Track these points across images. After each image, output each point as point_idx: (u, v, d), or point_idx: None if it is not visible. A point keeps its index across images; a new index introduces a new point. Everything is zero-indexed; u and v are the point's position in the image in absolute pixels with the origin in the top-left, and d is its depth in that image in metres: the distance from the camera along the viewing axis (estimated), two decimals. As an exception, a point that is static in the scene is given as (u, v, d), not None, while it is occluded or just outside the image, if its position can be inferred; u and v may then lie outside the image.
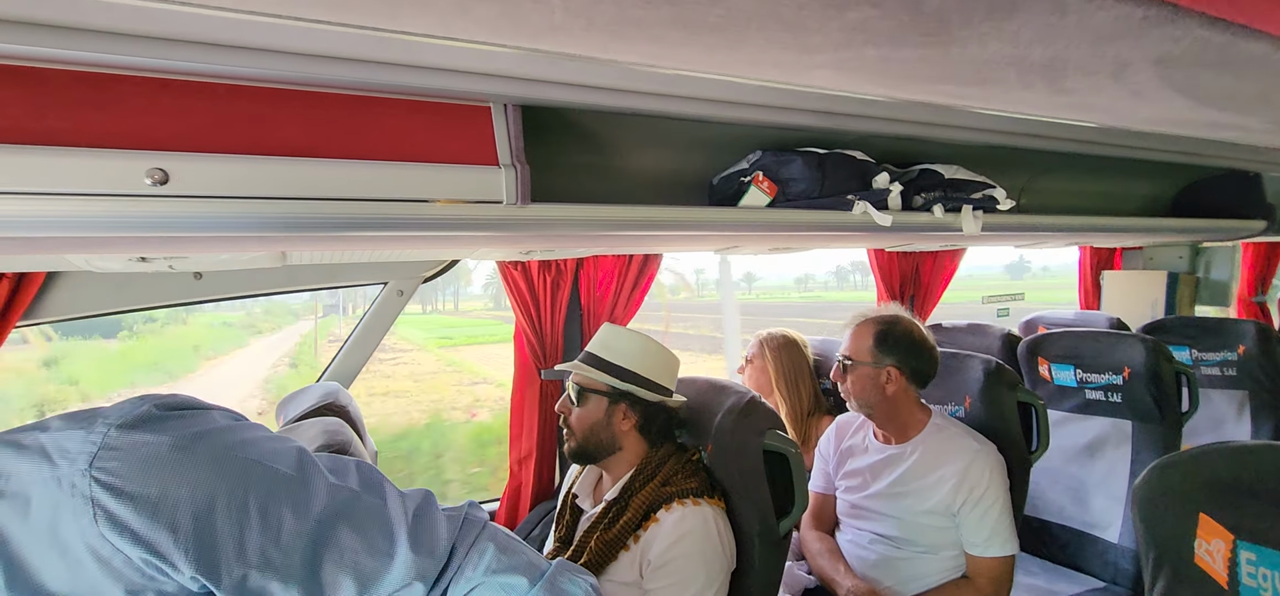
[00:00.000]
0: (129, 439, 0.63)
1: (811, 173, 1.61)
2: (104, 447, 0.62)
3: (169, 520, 0.62)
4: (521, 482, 2.35)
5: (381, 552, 0.74)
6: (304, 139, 1.07)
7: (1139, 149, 1.82)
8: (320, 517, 0.71)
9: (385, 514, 0.76)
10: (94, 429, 0.63)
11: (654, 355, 1.48)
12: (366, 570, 0.72)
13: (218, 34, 0.88)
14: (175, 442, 0.64)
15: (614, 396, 1.45)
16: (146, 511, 0.61)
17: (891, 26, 0.65)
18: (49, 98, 0.94)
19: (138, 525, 0.60)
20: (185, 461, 0.64)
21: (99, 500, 0.59)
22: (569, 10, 0.61)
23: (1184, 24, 0.63)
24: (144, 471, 0.62)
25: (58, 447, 0.61)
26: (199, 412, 0.71)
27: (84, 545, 0.60)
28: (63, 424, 0.64)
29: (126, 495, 0.60)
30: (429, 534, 0.78)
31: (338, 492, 0.74)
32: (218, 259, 1.52)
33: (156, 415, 0.66)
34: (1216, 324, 2.85)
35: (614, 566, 1.36)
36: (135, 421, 0.64)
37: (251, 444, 0.71)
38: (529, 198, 1.23)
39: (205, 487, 0.64)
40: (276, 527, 0.68)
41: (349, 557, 0.72)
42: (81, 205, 0.95)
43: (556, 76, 1.08)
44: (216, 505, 0.65)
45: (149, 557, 0.61)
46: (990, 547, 1.67)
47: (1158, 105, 1.00)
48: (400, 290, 2.16)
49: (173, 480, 0.63)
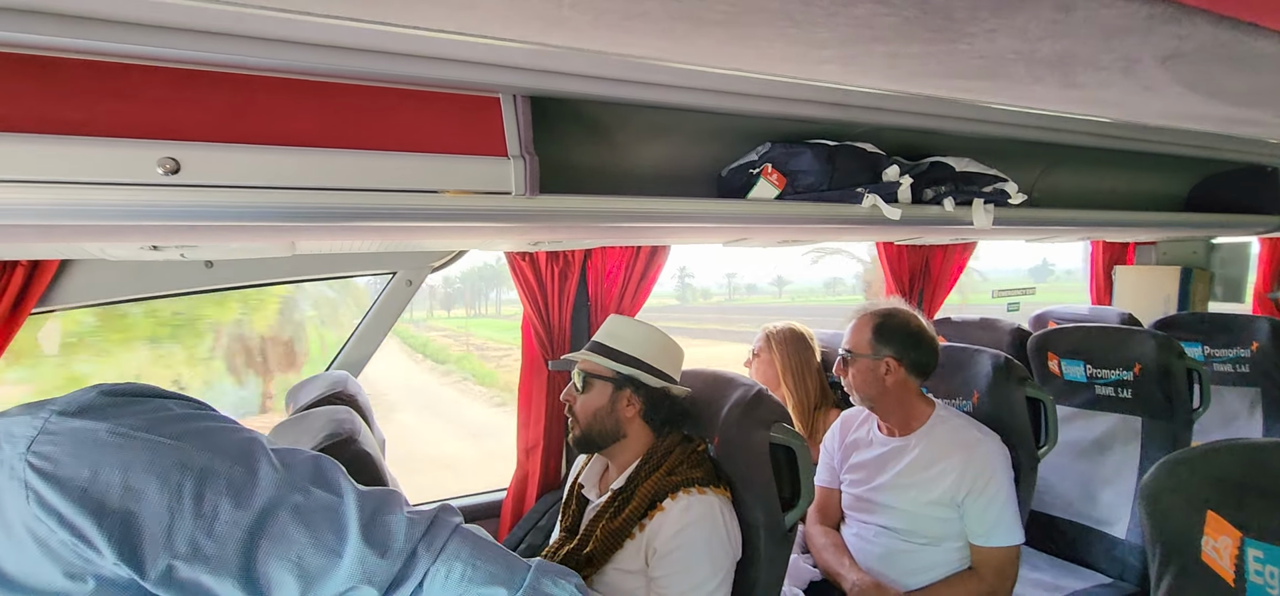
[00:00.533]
0: (68, 424, 0.64)
1: (821, 165, 1.60)
2: (43, 432, 0.63)
3: (95, 505, 0.62)
4: (528, 473, 2.37)
5: (328, 549, 0.72)
6: (314, 129, 1.08)
7: (1153, 143, 1.80)
8: (263, 509, 0.70)
9: (337, 510, 0.74)
10: (38, 415, 0.65)
11: (658, 343, 1.49)
12: (311, 567, 0.70)
13: (230, 25, 0.89)
14: (113, 429, 0.65)
15: (618, 382, 1.45)
16: (74, 495, 0.62)
17: (898, 22, 0.65)
18: (63, 87, 0.95)
19: (64, 509, 0.61)
20: (120, 446, 0.65)
21: (30, 483, 0.61)
22: (576, 4, 0.62)
23: (1190, 21, 0.62)
24: (76, 456, 0.63)
25: (5, 432, 0.64)
26: (146, 400, 0.71)
27: (23, 526, 0.62)
28: (17, 411, 0.66)
29: (56, 479, 0.62)
30: (384, 533, 0.75)
31: (285, 485, 0.72)
32: (228, 248, 1.53)
33: (100, 402, 0.68)
34: (1229, 320, 2.82)
35: (620, 555, 1.37)
36: (78, 408, 0.66)
37: (197, 433, 0.70)
38: (537, 189, 1.23)
39: (137, 474, 0.65)
40: (211, 516, 0.67)
41: (293, 551, 0.70)
42: (95, 194, 0.96)
43: (565, 68, 1.08)
44: (147, 492, 0.65)
45: (75, 541, 0.62)
46: (994, 537, 1.67)
47: (1169, 100, 0.99)
48: (409, 280, 2.17)
49: (104, 465, 0.64)
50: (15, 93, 0.92)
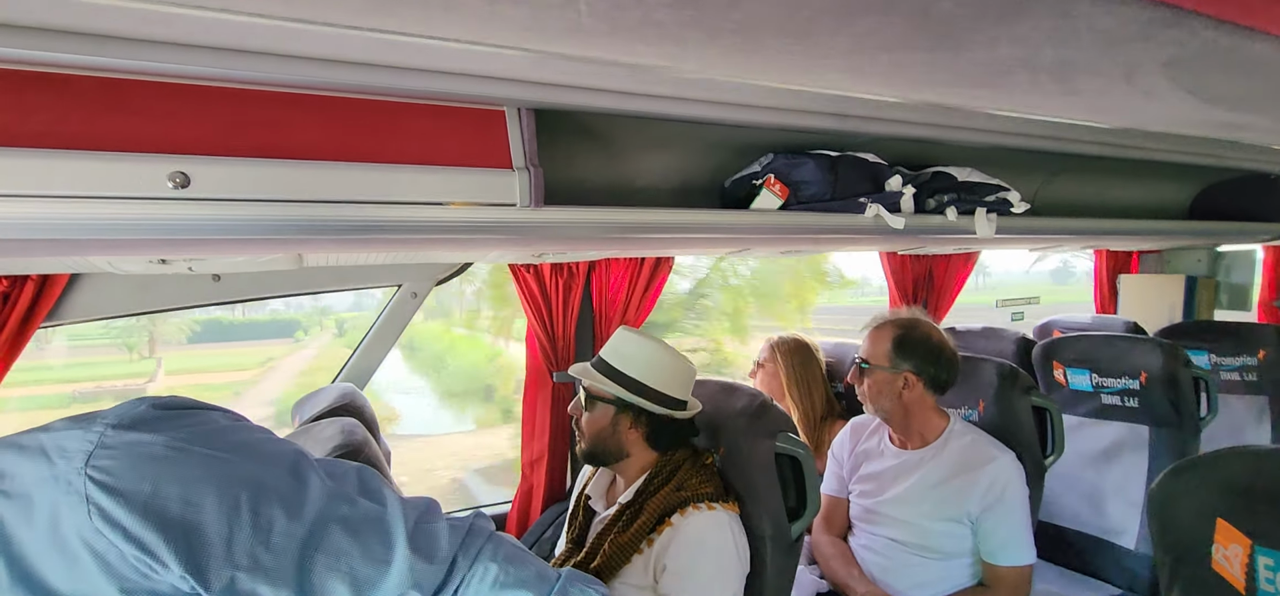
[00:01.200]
0: (124, 438, 0.64)
1: (824, 175, 1.61)
2: (100, 446, 0.63)
3: (159, 518, 0.63)
4: (533, 485, 2.36)
5: (378, 560, 0.73)
6: (321, 143, 1.09)
7: (1156, 151, 1.80)
8: (314, 521, 0.71)
9: (384, 520, 0.75)
10: (92, 429, 0.64)
11: (665, 365, 1.45)
12: (361, 576, 0.72)
13: (238, 40, 0.90)
14: (169, 442, 0.66)
15: (620, 406, 1.44)
16: (137, 509, 0.62)
17: (901, 31, 0.66)
18: (73, 102, 0.96)
19: (129, 522, 0.61)
20: (178, 460, 0.65)
21: (93, 497, 0.61)
22: (594, 13, 0.63)
23: (1189, 26, 0.63)
24: (137, 469, 0.63)
25: (57, 447, 0.63)
26: (196, 413, 0.72)
27: (81, 541, 0.61)
28: (64, 425, 0.65)
29: (119, 492, 0.62)
30: (429, 541, 0.77)
31: (334, 497, 0.73)
32: (236, 261, 1.54)
33: (152, 415, 0.68)
34: (1236, 328, 2.81)
35: (627, 569, 1.36)
36: (132, 421, 0.66)
37: (247, 446, 0.71)
38: (542, 201, 1.24)
39: (196, 487, 0.65)
40: (267, 529, 0.68)
41: (343, 563, 0.71)
42: (105, 207, 0.97)
43: (570, 80, 1.09)
44: (206, 505, 0.65)
45: (139, 555, 0.62)
46: (1008, 556, 1.65)
47: (1170, 106, 0.99)
48: (414, 292, 2.18)
49: (165, 479, 0.64)
50: (28, 108, 0.93)
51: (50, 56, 0.87)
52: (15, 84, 0.92)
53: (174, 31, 0.87)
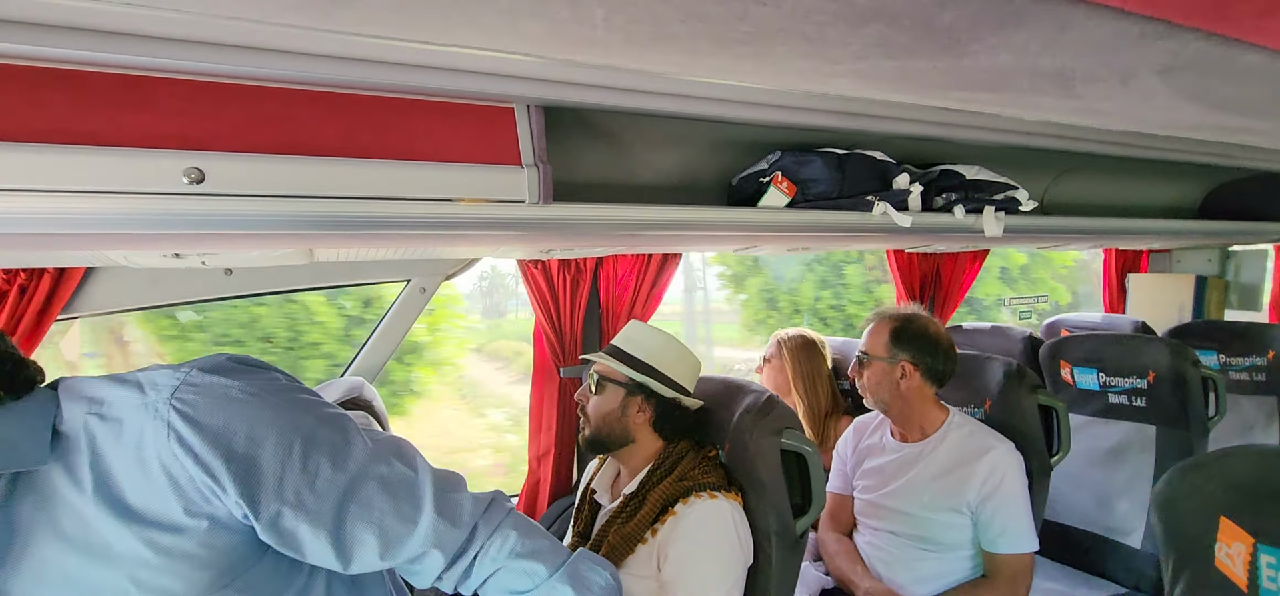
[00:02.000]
0: (207, 379, 0.74)
1: (831, 173, 1.61)
2: (186, 384, 0.73)
3: (225, 449, 0.72)
4: (540, 479, 2.38)
5: (406, 518, 0.81)
6: (334, 139, 1.11)
7: (1165, 150, 1.79)
8: (354, 474, 0.79)
9: (415, 483, 0.84)
10: (180, 370, 0.75)
11: (674, 354, 1.49)
12: (391, 532, 0.80)
13: (253, 38, 0.91)
14: (243, 388, 0.75)
15: (630, 388, 1.46)
16: (209, 438, 0.71)
17: (907, 40, 0.67)
18: (91, 99, 0.97)
19: (200, 448, 0.71)
20: (248, 403, 0.75)
21: (173, 424, 0.70)
22: (610, 26, 0.64)
23: (1180, 38, 0.63)
24: (213, 406, 0.73)
25: (150, 381, 0.73)
26: (265, 370, 0.81)
27: (158, 462, 0.70)
28: (160, 366, 0.76)
29: (196, 423, 0.71)
30: (454, 508, 0.85)
31: (374, 457, 0.82)
32: (248, 255, 1.56)
33: (231, 365, 0.78)
34: (1246, 328, 2.79)
35: (632, 559, 1.37)
36: (214, 367, 0.76)
37: (304, 403, 0.80)
38: (550, 197, 1.25)
39: (260, 427, 0.75)
40: (314, 473, 0.77)
41: (375, 516, 0.80)
42: (121, 203, 0.99)
43: (579, 79, 1.10)
44: (266, 444, 0.74)
45: (205, 479, 0.71)
46: (1008, 544, 1.66)
47: (1169, 110, 1.00)
48: (423, 287, 2.19)
49: (235, 417, 0.73)
50: (46, 105, 0.95)
51: (68, 53, 0.88)
52: (34, 80, 0.94)
53: (191, 30, 0.88)
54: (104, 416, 0.71)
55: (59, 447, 0.71)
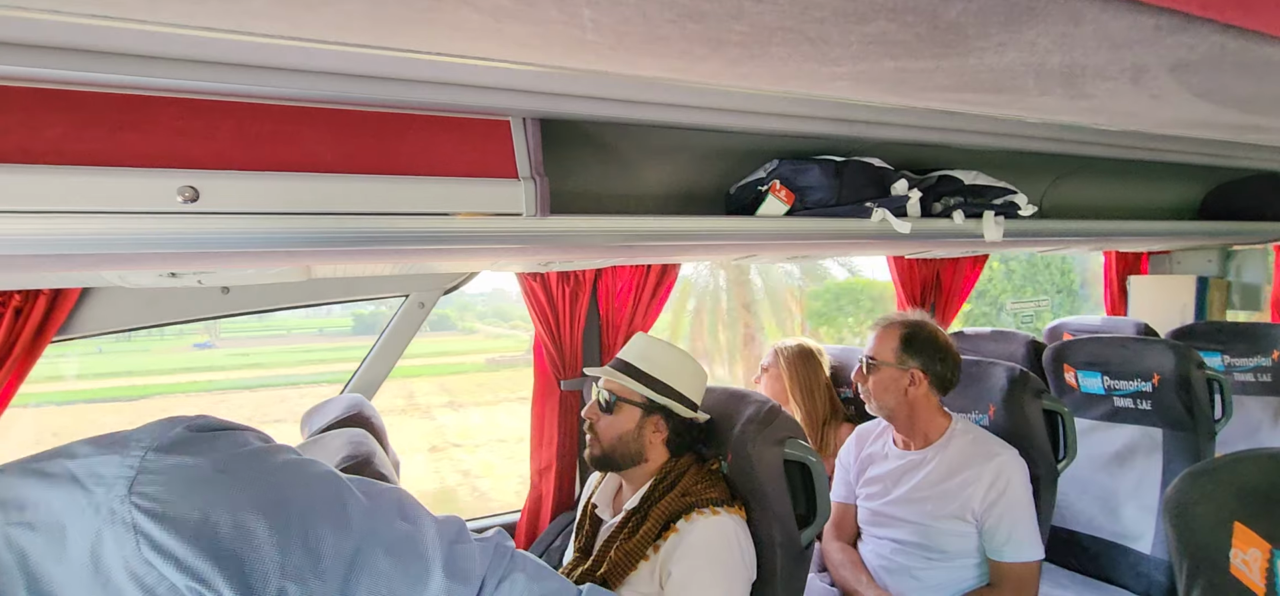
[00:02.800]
0: (167, 462, 0.61)
1: (829, 181, 1.60)
2: (143, 471, 0.60)
3: (210, 544, 0.60)
4: (542, 494, 2.36)
5: (415, 578, 0.72)
6: (329, 156, 1.10)
7: (1165, 151, 1.79)
8: (358, 544, 0.70)
9: (420, 541, 0.75)
10: (129, 452, 0.61)
11: (690, 369, 1.47)
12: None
13: (246, 56, 0.91)
14: (215, 464, 0.63)
15: (648, 407, 1.44)
16: (189, 536, 0.59)
17: (909, 38, 0.66)
18: (86, 119, 0.97)
19: (180, 550, 0.59)
20: (226, 483, 0.63)
21: (140, 526, 0.58)
22: (599, 28, 0.63)
23: (1198, 30, 0.62)
24: (185, 494, 0.60)
25: (91, 474, 0.59)
26: (233, 434, 0.69)
27: (127, 573, 0.58)
28: (92, 449, 0.62)
29: (168, 519, 0.59)
30: (464, 562, 0.77)
31: (376, 519, 0.73)
32: (245, 274, 1.55)
33: (191, 437, 0.65)
34: (1249, 329, 2.78)
35: (634, 576, 1.36)
36: (171, 444, 0.63)
37: (288, 466, 0.70)
38: (548, 210, 1.24)
39: (246, 511, 0.63)
40: (316, 553, 0.66)
41: (384, 584, 0.70)
42: (116, 223, 0.98)
43: (575, 90, 1.10)
44: (258, 529, 0.63)
45: (192, 584, 0.59)
46: (1013, 552, 1.64)
47: (1178, 108, 0.99)
48: (421, 302, 2.18)
49: (214, 503, 0.61)
50: (41, 125, 0.94)
51: (64, 74, 0.88)
52: (30, 101, 0.94)
53: (184, 49, 0.87)
54: (32, 525, 0.58)
55: None
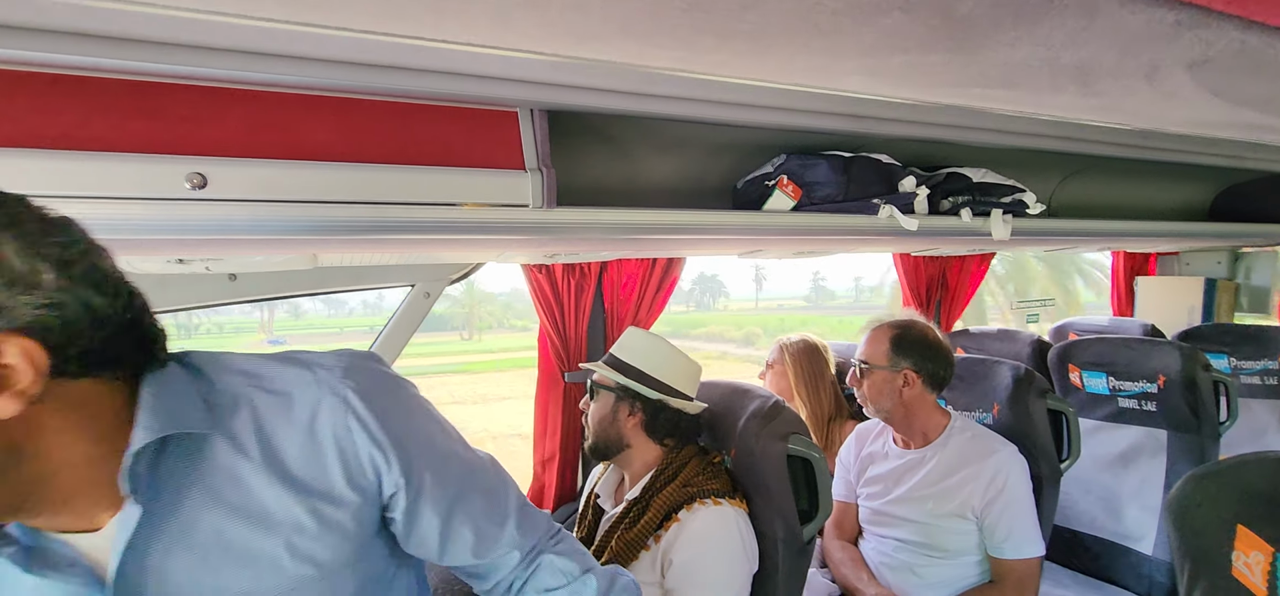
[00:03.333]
0: (367, 365, 0.80)
1: (836, 176, 1.60)
2: (353, 367, 0.78)
3: (391, 429, 0.78)
4: (545, 484, 2.37)
5: (496, 521, 0.90)
6: (337, 144, 1.10)
7: (1175, 151, 1.78)
8: (467, 475, 0.88)
9: (505, 494, 0.92)
10: (341, 355, 0.80)
11: (664, 356, 1.49)
12: (484, 533, 0.88)
13: (256, 43, 0.91)
14: (391, 377, 0.83)
15: (619, 393, 1.47)
16: (379, 416, 0.77)
17: (922, 32, 0.65)
18: (96, 105, 0.97)
19: (373, 426, 0.76)
20: (397, 391, 0.83)
21: (350, 401, 0.75)
22: (606, 17, 0.63)
23: (1217, 27, 0.61)
24: (378, 390, 0.79)
25: (316, 361, 0.78)
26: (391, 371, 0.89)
27: (332, 435, 0.75)
28: (311, 353, 0.80)
29: (370, 401, 0.77)
30: (531, 519, 0.95)
31: (478, 463, 0.91)
32: (252, 260, 1.55)
33: (372, 358, 0.84)
34: (1257, 331, 2.76)
35: (635, 566, 1.36)
36: (365, 357, 0.82)
37: (426, 401, 0.89)
38: (554, 201, 1.24)
39: (411, 415, 0.83)
40: (442, 466, 0.84)
41: (476, 515, 0.87)
42: (125, 208, 0.99)
43: (583, 81, 1.10)
44: (415, 431, 0.82)
45: (376, 453, 0.77)
46: (1013, 549, 1.64)
47: (1192, 107, 0.98)
48: (427, 292, 2.19)
49: (392, 402, 0.80)
50: (52, 110, 0.95)
51: (74, 60, 0.88)
52: (41, 87, 0.94)
53: (194, 35, 0.88)
54: (269, 389, 0.75)
55: (215, 416, 0.72)
